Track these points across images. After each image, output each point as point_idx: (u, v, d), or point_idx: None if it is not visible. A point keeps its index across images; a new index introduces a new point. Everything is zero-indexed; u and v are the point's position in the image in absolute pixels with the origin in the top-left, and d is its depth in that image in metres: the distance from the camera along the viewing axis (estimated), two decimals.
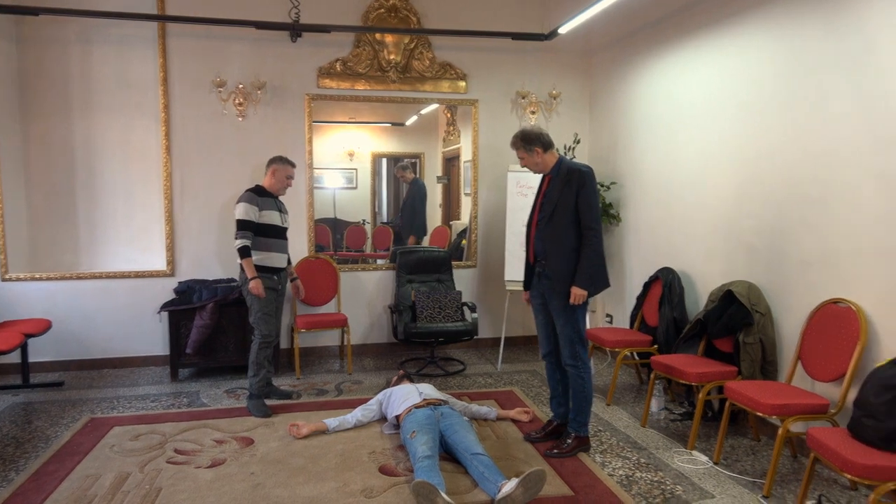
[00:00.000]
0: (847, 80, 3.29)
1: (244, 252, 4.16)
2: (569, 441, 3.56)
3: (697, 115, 4.53)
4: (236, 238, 4.18)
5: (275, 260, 4.34)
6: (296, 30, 5.34)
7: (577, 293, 3.41)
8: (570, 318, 3.49)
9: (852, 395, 2.87)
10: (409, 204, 6.28)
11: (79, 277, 5.26)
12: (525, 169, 5.53)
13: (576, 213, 3.43)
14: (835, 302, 3.31)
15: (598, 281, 3.49)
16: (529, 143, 3.53)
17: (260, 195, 4.31)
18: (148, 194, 5.36)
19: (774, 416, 3.15)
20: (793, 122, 3.66)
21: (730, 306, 3.83)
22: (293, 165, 4.48)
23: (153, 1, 5.19)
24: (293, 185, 4.65)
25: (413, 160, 6.28)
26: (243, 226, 4.19)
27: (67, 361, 5.27)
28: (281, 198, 4.48)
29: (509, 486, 2.85)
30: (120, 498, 3.02)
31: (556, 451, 3.53)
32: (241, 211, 4.21)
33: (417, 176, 6.24)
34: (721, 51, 4.28)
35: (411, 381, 4.19)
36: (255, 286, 4.14)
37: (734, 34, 4.15)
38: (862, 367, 3.05)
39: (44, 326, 4.69)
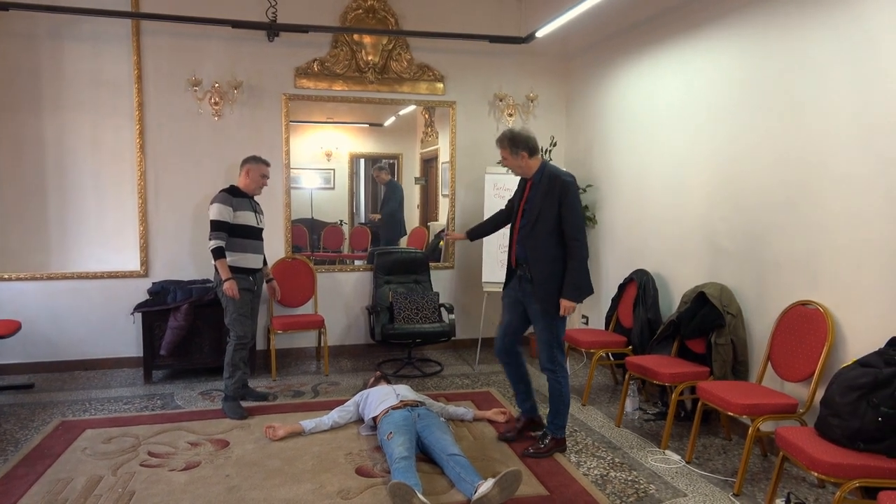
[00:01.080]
0: (815, 86, 3.38)
1: (218, 253, 4.12)
2: (546, 442, 3.60)
3: (672, 119, 4.60)
4: (210, 239, 4.14)
5: (250, 261, 4.31)
6: (273, 29, 5.31)
7: (566, 305, 3.42)
8: (549, 324, 3.52)
9: (820, 394, 2.95)
10: (386, 205, 6.28)
11: (49, 278, 5.17)
12: (504, 170, 5.61)
13: (558, 223, 3.43)
14: (803, 304, 3.39)
15: (584, 290, 3.50)
16: (516, 145, 3.52)
17: (234, 195, 4.27)
18: (121, 194, 5.28)
19: (745, 416, 3.22)
20: (763, 126, 3.74)
21: (702, 308, 3.90)
22: (268, 164, 4.45)
23: None
24: (269, 185, 4.63)
25: (391, 161, 6.28)
26: (217, 226, 4.16)
27: (37, 363, 5.18)
28: (257, 197, 4.45)
29: (485, 486, 2.87)
30: (92, 501, 2.98)
31: (532, 451, 3.56)
32: (215, 212, 4.18)
33: (394, 177, 6.25)
34: (694, 56, 4.35)
35: (388, 382, 4.19)
36: (230, 287, 4.10)
37: (707, 40, 4.22)
38: (829, 368, 3.13)
39: (13, 328, 4.59)
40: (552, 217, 3.43)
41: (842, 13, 3.22)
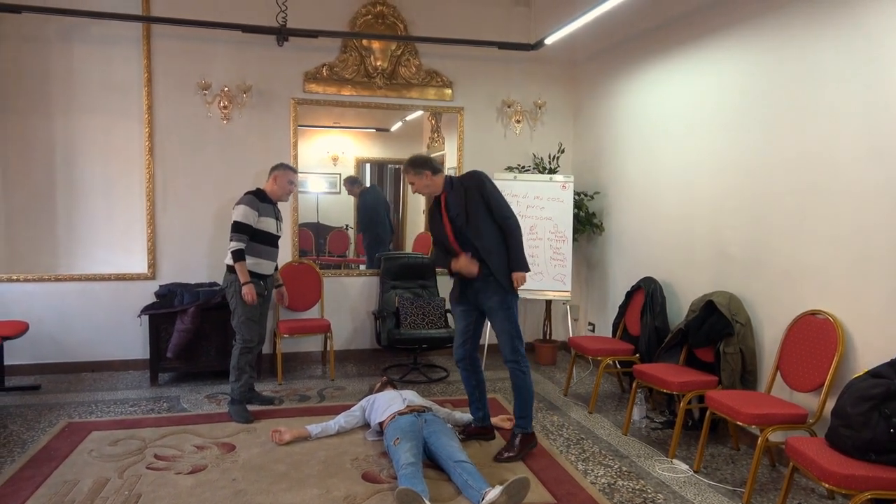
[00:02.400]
0: (823, 95, 3.37)
1: (238, 255, 4.12)
2: (516, 442, 3.61)
3: (680, 127, 4.59)
4: (231, 240, 4.14)
5: (264, 267, 4.32)
6: (283, 34, 5.32)
7: (519, 277, 3.59)
8: (507, 315, 3.63)
9: (830, 405, 2.93)
10: (367, 213, 6.24)
11: (57, 279, 5.18)
12: (511, 177, 5.62)
13: (488, 212, 3.59)
14: (813, 313, 3.38)
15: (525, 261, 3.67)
16: (419, 166, 3.67)
17: (261, 200, 4.29)
18: (129, 196, 5.30)
19: (754, 426, 3.20)
20: (771, 135, 3.74)
21: (710, 316, 3.88)
22: (295, 171, 4.51)
23: (138, 1, 5.15)
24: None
25: (398, 166, 6.28)
26: (239, 228, 4.15)
27: (44, 364, 5.18)
28: (280, 205, 4.49)
29: (493, 493, 2.86)
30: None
31: (506, 454, 3.57)
32: (241, 213, 4.18)
33: (368, 184, 6.23)
34: (702, 65, 4.35)
35: (394, 387, 4.18)
36: (248, 292, 4.10)
37: (715, 49, 4.22)
38: (839, 378, 3.11)
39: (20, 329, 4.60)
40: (482, 211, 3.59)
41: (848, 24, 3.23)
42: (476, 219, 3.59)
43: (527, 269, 3.64)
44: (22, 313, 4.96)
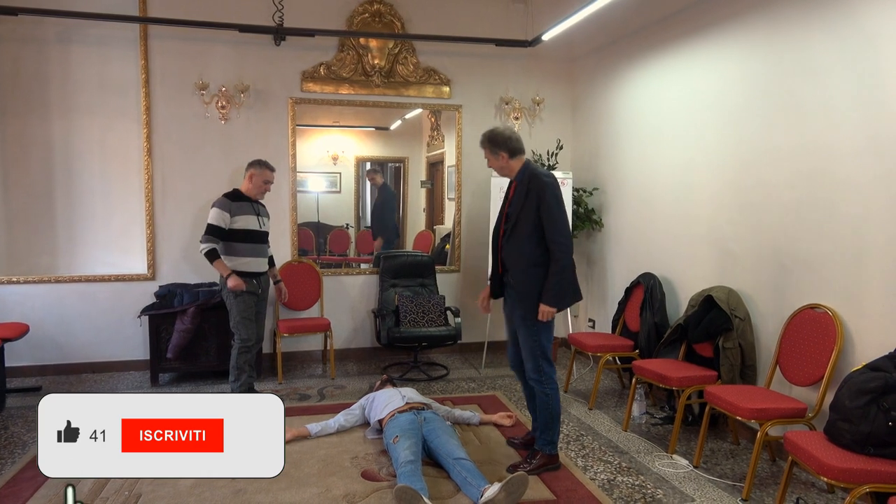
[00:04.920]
0: (821, 90, 3.36)
1: (211, 255, 4.16)
2: (534, 460, 3.36)
3: (678, 122, 4.59)
4: (201, 242, 4.19)
5: (252, 265, 4.32)
6: (280, 33, 5.32)
7: (544, 310, 3.25)
8: (531, 332, 3.32)
9: (829, 399, 2.92)
10: (378, 208, 6.26)
11: (57, 281, 5.19)
12: None
13: (538, 225, 3.25)
14: (812, 307, 3.37)
15: (567, 295, 3.35)
16: (496, 145, 3.36)
17: (235, 200, 4.29)
18: (128, 197, 5.30)
19: (753, 420, 3.19)
20: (769, 130, 3.73)
21: (710, 311, 3.87)
22: (272, 170, 4.46)
23: (135, 2, 5.15)
24: (276, 189, 4.66)
25: (397, 164, 6.28)
26: (210, 230, 4.20)
27: (45, 366, 5.20)
28: (261, 201, 4.47)
29: (492, 490, 2.86)
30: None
31: (522, 466, 3.32)
32: (212, 216, 4.23)
33: (387, 181, 6.24)
34: (700, 60, 4.34)
35: (394, 385, 4.18)
36: (234, 282, 4.12)
37: (712, 44, 4.21)
38: (838, 372, 3.11)
39: (21, 330, 4.61)
40: (531, 219, 3.25)
41: (844, 19, 3.23)
42: (521, 225, 3.27)
43: (557, 307, 3.25)
44: (22, 315, 4.97)
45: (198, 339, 5.02)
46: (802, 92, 3.50)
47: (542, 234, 3.26)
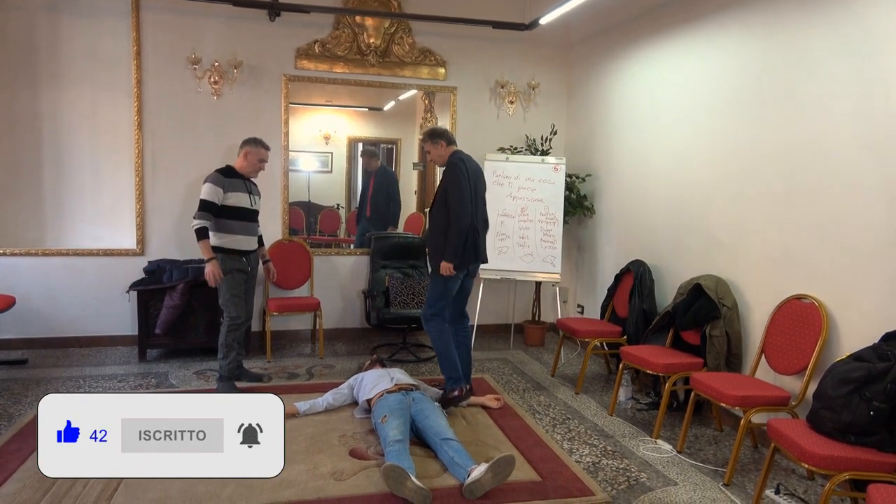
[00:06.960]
0: (815, 81, 3.37)
1: (201, 234, 4.10)
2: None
3: (672, 111, 4.59)
4: (195, 218, 4.11)
5: (242, 242, 4.28)
6: (274, 9, 5.26)
7: (443, 265, 3.85)
8: (435, 283, 3.98)
9: (812, 388, 2.96)
10: (381, 194, 6.20)
11: (44, 254, 5.14)
12: (503, 157, 5.62)
13: (445, 197, 3.86)
14: (798, 297, 3.41)
15: (464, 256, 3.88)
16: (438, 136, 4.00)
17: (228, 176, 4.23)
18: (118, 171, 5.25)
19: (737, 407, 3.24)
20: (762, 120, 3.75)
21: (698, 299, 3.91)
22: (267, 149, 4.41)
23: None
24: (267, 167, 4.59)
25: (389, 146, 6.24)
26: (204, 206, 4.12)
27: (32, 339, 5.17)
28: (254, 179, 4.43)
29: (478, 470, 2.88)
30: (85, 478, 2.98)
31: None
32: (205, 191, 4.15)
33: (385, 163, 6.19)
34: (695, 48, 4.34)
35: (383, 366, 4.20)
36: (211, 269, 4.09)
37: (708, 32, 4.21)
38: (822, 362, 3.15)
39: (8, 303, 4.58)
40: (441, 193, 3.92)
41: (841, 10, 3.23)
42: (438, 201, 3.93)
43: (451, 261, 3.84)
44: (9, 287, 4.93)
45: (187, 315, 5.01)
46: (796, 84, 3.51)
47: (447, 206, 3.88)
